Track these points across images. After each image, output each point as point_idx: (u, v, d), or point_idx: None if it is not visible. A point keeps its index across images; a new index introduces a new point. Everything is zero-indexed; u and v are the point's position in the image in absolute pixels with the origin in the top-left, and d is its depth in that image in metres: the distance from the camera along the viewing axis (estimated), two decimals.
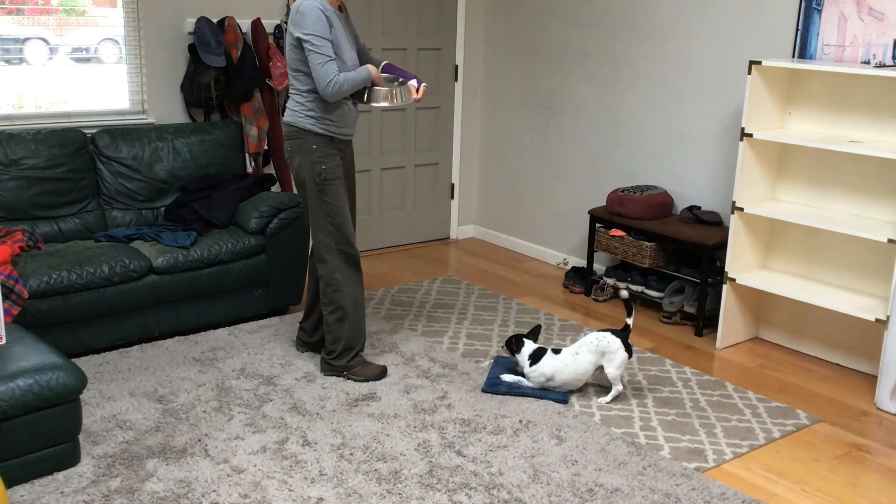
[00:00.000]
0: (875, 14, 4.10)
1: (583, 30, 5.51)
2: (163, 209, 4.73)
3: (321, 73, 3.59)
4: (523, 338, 3.95)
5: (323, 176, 3.75)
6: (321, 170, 3.75)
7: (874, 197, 4.19)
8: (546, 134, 5.89)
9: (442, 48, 6.13)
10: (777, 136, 4.20)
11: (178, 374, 3.93)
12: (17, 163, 4.31)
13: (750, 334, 4.70)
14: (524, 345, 3.91)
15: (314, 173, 3.75)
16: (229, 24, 4.93)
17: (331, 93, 3.61)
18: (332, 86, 3.59)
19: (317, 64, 3.59)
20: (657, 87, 5.15)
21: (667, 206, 4.99)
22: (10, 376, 2.93)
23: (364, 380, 3.91)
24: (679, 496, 3.09)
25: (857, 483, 3.29)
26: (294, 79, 3.75)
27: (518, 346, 3.92)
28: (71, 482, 3.04)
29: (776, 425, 3.68)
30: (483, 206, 6.53)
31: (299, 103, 3.76)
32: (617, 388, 3.80)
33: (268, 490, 3.03)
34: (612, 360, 3.76)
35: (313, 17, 3.55)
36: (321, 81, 3.60)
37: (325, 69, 3.59)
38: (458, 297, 5.16)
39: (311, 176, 3.76)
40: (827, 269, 4.41)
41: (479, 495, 3.04)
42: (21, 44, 4.79)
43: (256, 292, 4.57)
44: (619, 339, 3.77)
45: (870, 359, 4.27)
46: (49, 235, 4.38)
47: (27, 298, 3.77)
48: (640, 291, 5.03)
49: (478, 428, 3.53)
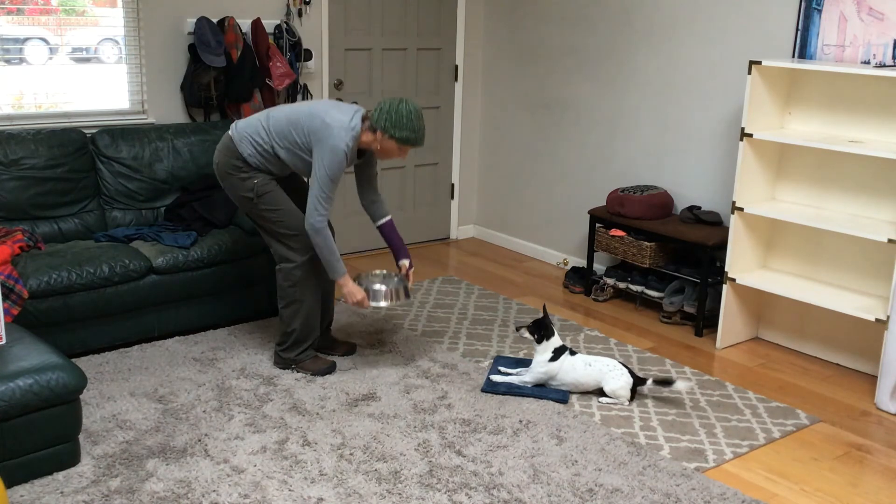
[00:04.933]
0: (875, 14, 4.10)
1: (583, 30, 5.52)
2: (163, 209, 4.73)
3: (316, 204, 3.64)
4: (553, 328, 3.87)
5: (256, 190, 3.78)
6: (253, 185, 3.78)
7: (874, 197, 4.19)
8: (546, 134, 5.89)
9: (442, 48, 6.13)
10: (777, 136, 4.20)
11: (178, 374, 3.93)
12: (17, 163, 4.31)
13: (750, 334, 4.70)
14: (554, 336, 3.85)
15: (247, 189, 3.78)
16: (229, 24, 4.93)
17: (309, 229, 3.68)
18: (315, 228, 3.66)
19: (316, 194, 3.64)
20: (657, 87, 5.15)
21: (667, 206, 4.99)
22: (10, 376, 2.93)
23: (312, 374, 3.94)
24: (679, 496, 3.09)
25: (857, 483, 3.29)
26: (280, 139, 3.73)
27: (548, 335, 3.84)
28: (71, 482, 3.04)
29: (776, 425, 3.68)
30: (483, 206, 6.53)
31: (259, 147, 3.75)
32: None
33: (268, 490, 3.03)
34: (612, 391, 3.78)
35: (337, 160, 3.61)
36: (310, 211, 3.66)
37: (321, 204, 3.65)
38: (458, 297, 5.16)
39: (245, 193, 3.79)
40: (827, 269, 4.41)
41: (479, 495, 3.04)
42: (21, 44, 4.79)
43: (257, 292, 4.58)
44: (629, 385, 3.76)
45: (870, 359, 4.27)
46: (49, 235, 4.38)
47: (27, 298, 3.77)
48: (640, 291, 5.03)
49: (478, 428, 3.53)
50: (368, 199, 4.03)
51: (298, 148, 3.71)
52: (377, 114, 3.66)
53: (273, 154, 3.76)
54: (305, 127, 3.67)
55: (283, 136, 3.72)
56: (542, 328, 3.84)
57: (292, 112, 3.74)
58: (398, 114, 3.61)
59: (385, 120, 3.62)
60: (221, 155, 3.83)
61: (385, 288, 3.95)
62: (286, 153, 3.74)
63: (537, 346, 3.85)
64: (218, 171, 3.86)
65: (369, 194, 4.02)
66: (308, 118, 3.67)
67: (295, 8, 5.36)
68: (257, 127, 3.77)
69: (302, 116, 3.69)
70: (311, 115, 3.68)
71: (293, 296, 3.87)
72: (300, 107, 3.77)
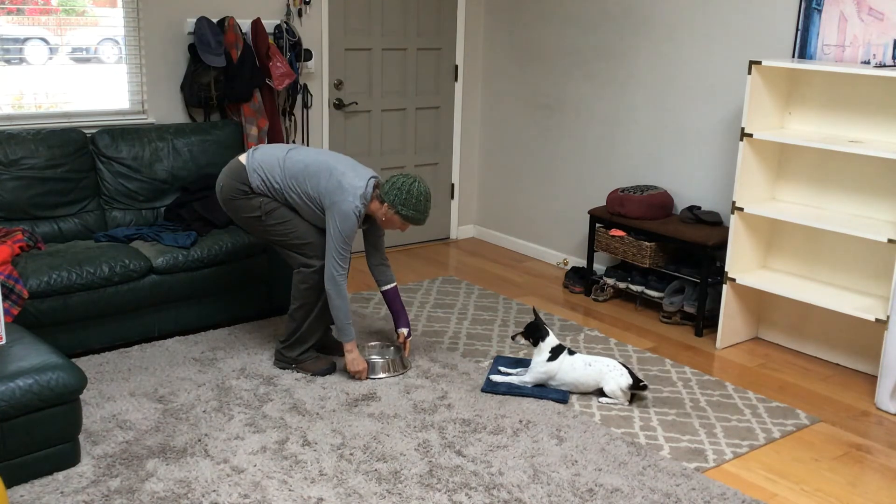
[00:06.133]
0: (875, 14, 4.10)
1: (583, 30, 5.51)
2: (163, 209, 4.73)
3: (333, 263, 3.74)
4: (546, 328, 3.88)
5: (262, 207, 3.82)
6: (259, 202, 3.81)
7: (874, 197, 4.19)
8: (546, 134, 5.89)
9: (442, 48, 6.13)
10: (777, 136, 4.20)
11: (178, 374, 3.93)
12: (17, 163, 4.31)
13: (750, 334, 4.70)
14: (549, 336, 3.86)
15: (253, 208, 3.82)
16: (229, 24, 4.93)
17: (329, 283, 3.76)
18: (336, 282, 3.76)
19: (332, 254, 3.72)
20: (657, 87, 5.15)
21: (667, 206, 4.99)
22: (10, 376, 2.93)
23: (312, 374, 3.96)
24: (679, 496, 3.09)
25: (857, 483, 3.29)
26: (293, 183, 3.78)
27: (542, 336, 3.86)
28: (71, 482, 3.04)
29: (776, 425, 3.68)
30: (483, 206, 6.53)
31: (269, 185, 3.80)
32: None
33: (268, 490, 3.03)
34: (612, 392, 3.78)
35: (350, 223, 3.69)
36: (328, 267, 3.75)
37: (339, 263, 3.74)
38: (458, 297, 5.16)
39: (251, 213, 3.83)
40: (827, 269, 4.41)
41: (479, 495, 3.04)
42: (21, 44, 4.79)
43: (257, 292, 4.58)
44: (629, 385, 3.76)
45: (870, 359, 4.27)
46: (49, 235, 4.38)
47: (27, 298, 3.77)
48: (640, 291, 5.03)
49: (478, 428, 3.53)
50: (376, 260, 4.11)
51: (309, 199, 3.78)
52: (388, 187, 3.75)
53: (282, 197, 3.82)
54: (322, 184, 3.74)
55: (298, 183, 3.78)
56: (535, 331, 3.87)
57: (311, 162, 3.79)
58: (409, 193, 3.73)
59: (395, 196, 3.73)
60: (227, 178, 3.86)
61: (382, 360, 4.03)
62: (296, 198, 3.80)
63: (534, 348, 3.86)
64: (222, 194, 3.89)
65: (376, 257, 4.11)
66: (326, 175, 3.74)
67: (295, 8, 5.36)
68: (273, 165, 3.81)
69: (320, 171, 3.76)
70: (329, 173, 3.74)
71: (307, 297, 3.90)
72: (319, 157, 3.82)
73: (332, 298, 3.79)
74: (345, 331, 3.86)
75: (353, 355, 3.91)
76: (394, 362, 4.03)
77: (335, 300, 3.79)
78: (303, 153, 3.84)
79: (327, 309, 3.95)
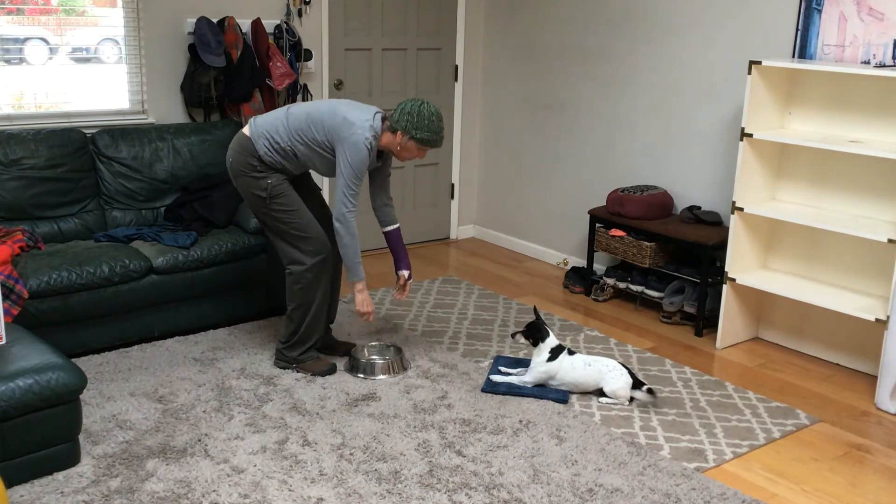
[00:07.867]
0: (875, 14, 4.10)
1: (583, 30, 5.52)
2: (163, 209, 4.73)
3: (343, 199, 3.66)
4: (547, 328, 3.88)
5: (269, 190, 3.76)
6: (267, 184, 3.76)
7: (874, 197, 4.19)
8: (546, 134, 5.89)
9: (442, 48, 6.13)
10: (777, 136, 4.20)
11: (178, 374, 3.93)
12: (17, 163, 4.31)
13: (750, 334, 4.70)
14: (549, 336, 3.86)
15: (260, 188, 3.76)
16: (229, 24, 4.93)
17: (338, 220, 3.70)
18: (345, 218, 3.69)
19: (342, 189, 3.65)
20: (657, 87, 5.15)
21: (667, 206, 4.99)
22: (10, 376, 2.93)
23: (312, 375, 3.95)
24: (679, 496, 3.09)
25: (857, 483, 3.29)
26: (299, 136, 3.72)
27: (543, 336, 3.85)
28: (71, 482, 3.04)
29: (776, 425, 3.68)
30: (483, 206, 6.53)
31: (277, 145, 3.74)
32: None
33: (268, 490, 3.03)
34: (612, 392, 3.78)
35: (361, 155, 3.62)
36: (338, 204, 3.68)
37: (348, 199, 3.67)
38: (458, 297, 5.16)
39: (258, 192, 3.77)
40: (827, 269, 4.41)
41: (479, 495, 3.04)
42: (21, 44, 4.79)
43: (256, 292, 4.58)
44: (629, 385, 3.76)
45: (870, 359, 4.27)
46: (49, 235, 4.38)
47: (27, 298, 3.77)
48: (640, 291, 5.03)
49: (478, 428, 3.53)
50: (381, 201, 4.02)
51: (318, 145, 3.71)
52: (398, 114, 3.67)
53: (291, 152, 3.75)
54: (327, 124, 3.68)
55: (303, 132, 3.72)
56: (536, 331, 3.86)
57: (312, 110, 3.75)
58: (420, 115, 3.64)
59: (406, 121, 3.64)
60: (235, 153, 3.81)
61: (382, 361, 4.02)
62: (305, 150, 3.74)
63: (534, 348, 3.86)
64: (231, 169, 3.84)
65: (382, 197, 4.02)
66: (329, 116, 3.68)
67: (295, 8, 5.36)
68: (276, 124, 3.76)
69: (323, 114, 3.70)
70: (332, 113, 3.69)
71: (302, 297, 3.88)
72: (320, 104, 3.78)
73: (342, 236, 3.71)
74: (354, 270, 3.79)
75: (362, 295, 3.85)
76: (394, 363, 4.03)
77: (345, 238, 3.71)
78: (303, 106, 3.80)
79: (325, 308, 3.95)
